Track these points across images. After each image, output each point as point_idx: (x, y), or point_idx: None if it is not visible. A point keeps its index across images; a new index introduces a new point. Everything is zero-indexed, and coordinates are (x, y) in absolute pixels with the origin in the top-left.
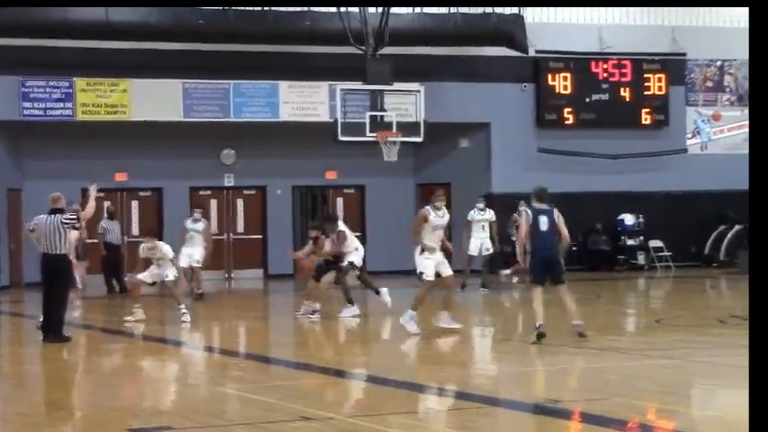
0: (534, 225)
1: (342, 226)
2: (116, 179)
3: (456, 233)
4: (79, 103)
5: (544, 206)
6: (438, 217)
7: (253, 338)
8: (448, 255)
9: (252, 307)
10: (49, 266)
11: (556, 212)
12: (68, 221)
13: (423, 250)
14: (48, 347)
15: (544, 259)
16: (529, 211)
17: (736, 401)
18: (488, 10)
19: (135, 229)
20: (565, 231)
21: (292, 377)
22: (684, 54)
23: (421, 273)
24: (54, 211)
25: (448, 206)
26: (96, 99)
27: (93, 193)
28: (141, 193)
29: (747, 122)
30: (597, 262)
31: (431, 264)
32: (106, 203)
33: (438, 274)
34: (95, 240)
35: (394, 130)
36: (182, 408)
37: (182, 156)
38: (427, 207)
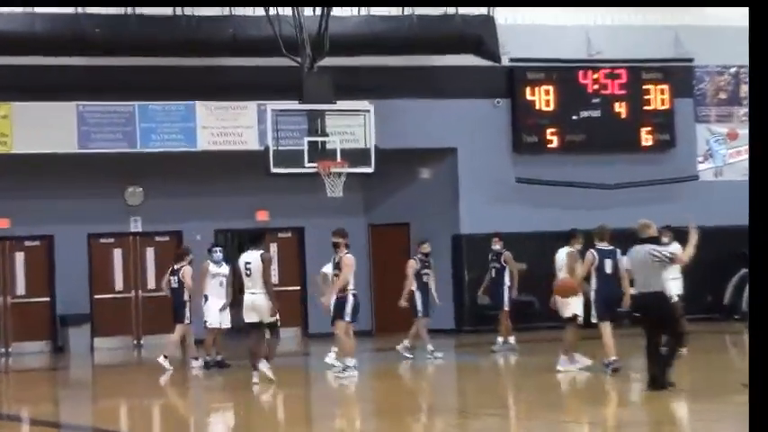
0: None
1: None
2: None
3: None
4: None
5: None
6: None
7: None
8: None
9: (168, 380)
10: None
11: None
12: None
13: None
14: None
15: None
16: (594, 253)
17: None
18: (451, 11)
19: (20, 288)
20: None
21: None
22: (691, 60)
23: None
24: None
25: (406, 251)
26: None
27: (694, 234)
28: (27, 243)
29: None
30: None
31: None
32: None
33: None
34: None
35: (338, 160)
36: None
37: (77, 196)
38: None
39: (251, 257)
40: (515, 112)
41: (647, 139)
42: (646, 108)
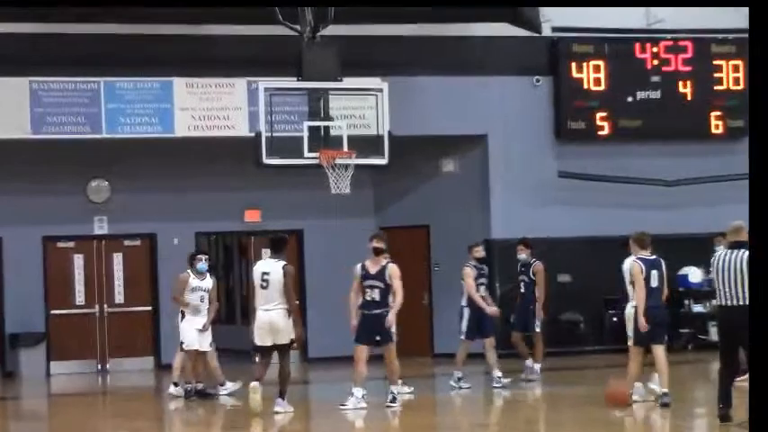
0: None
1: None
2: None
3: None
4: None
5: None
6: None
7: None
8: None
9: (138, 413)
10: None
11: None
12: None
13: None
14: None
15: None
16: (641, 264)
17: None
18: None
19: None
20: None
21: None
22: None
23: None
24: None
25: (425, 258)
26: None
27: None
28: None
29: None
30: None
31: None
32: None
33: None
34: None
35: (345, 149)
36: None
37: (30, 191)
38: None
39: (270, 267)
40: (559, 92)
41: (717, 125)
42: (716, 88)
